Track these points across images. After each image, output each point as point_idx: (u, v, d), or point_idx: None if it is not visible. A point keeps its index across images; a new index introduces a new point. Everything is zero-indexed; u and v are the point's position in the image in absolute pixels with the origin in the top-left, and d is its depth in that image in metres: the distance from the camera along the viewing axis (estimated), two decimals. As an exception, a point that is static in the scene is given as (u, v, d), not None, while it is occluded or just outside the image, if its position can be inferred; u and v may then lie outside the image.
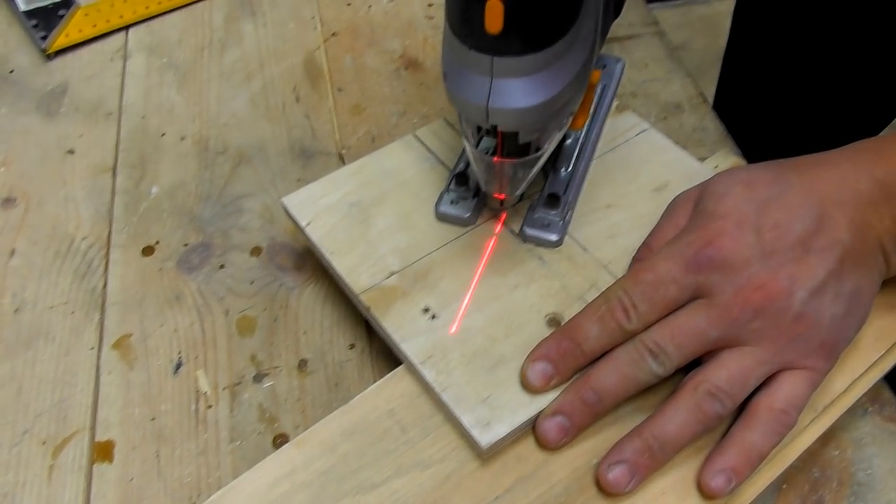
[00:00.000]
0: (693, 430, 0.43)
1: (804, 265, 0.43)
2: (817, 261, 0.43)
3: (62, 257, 0.59)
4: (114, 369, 0.53)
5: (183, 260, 0.58)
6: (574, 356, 0.45)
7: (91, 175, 0.64)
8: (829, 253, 0.43)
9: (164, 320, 0.55)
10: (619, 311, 0.44)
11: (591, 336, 0.45)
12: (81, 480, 0.48)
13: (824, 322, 0.43)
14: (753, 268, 0.43)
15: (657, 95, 0.68)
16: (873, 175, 0.45)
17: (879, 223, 0.45)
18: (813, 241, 0.43)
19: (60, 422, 0.50)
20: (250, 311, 0.55)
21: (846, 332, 0.45)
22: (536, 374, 0.45)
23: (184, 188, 0.63)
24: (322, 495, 0.44)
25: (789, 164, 0.47)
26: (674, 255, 0.45)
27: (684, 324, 0.44)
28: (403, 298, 0.50)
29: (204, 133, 0.67)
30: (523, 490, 0.43)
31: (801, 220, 0.44)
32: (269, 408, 0.50)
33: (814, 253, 0.43)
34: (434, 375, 0.46)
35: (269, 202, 0.61)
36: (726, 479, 0.42)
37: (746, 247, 0.43)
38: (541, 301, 0.49)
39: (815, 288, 0.43)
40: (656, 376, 0.44)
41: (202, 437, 0.49)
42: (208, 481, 0.48)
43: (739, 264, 0.43)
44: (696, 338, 0.43)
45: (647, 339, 0.44)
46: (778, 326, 0.43)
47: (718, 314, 0.43)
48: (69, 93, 0.71)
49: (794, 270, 0.43)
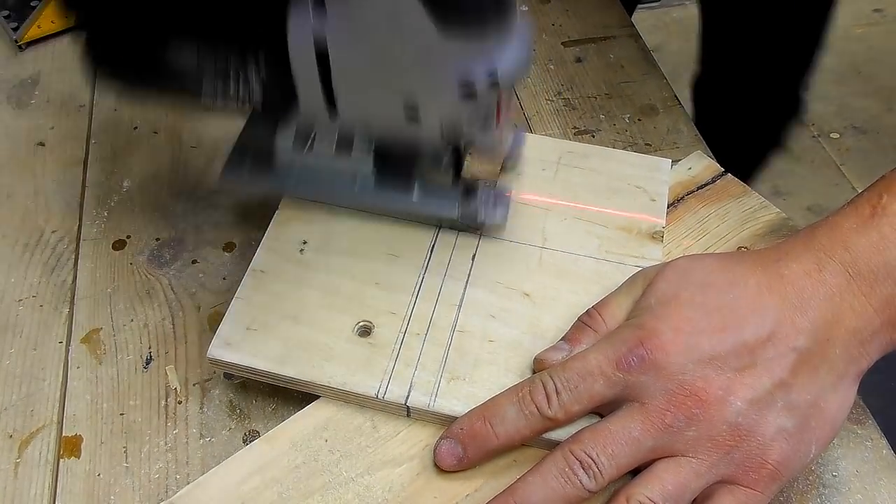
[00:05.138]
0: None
1: (747, 374, 0.41)
2: (763, 370, 0.41)
3: (31, 250, 0.58)
4: (82, 364, 0.52)
5: (154, 254, 0.58)
6: (485, 438, 0.43)
7: (62, 168, 0.63)
8: (779, 362, 0.41)
9: (135, 315, 0.54)
10: (539, 395, 0.42)
11: (506, 417, 0.43)
12: (48, 475, 0.48)
13: (766, 436, 0.40)
14: (687, 374, 0.41)
15: (632, 97, 0.68)
16: (841, 261, 0.42)
17: (852, 313, 0.42)
18: (762, 350, 0.41)
19: (27, 416, 0.50)
20: (222, 307, 0.55)
21: (799, 449, 0.41)
22: (444, 453, 0.44)
23: (156, 182, 0.62)
24: (292, 491, 0.44)
25: (750, 260, 0.45)
26: (606, 350, 0.43)
27: (617, 431, 0.41)
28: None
29: (177, 127, 0.66)
30: (493, 489, 0.43)
31: (752, 329, 0.41)
32: (239, 404, 0.50)
33: (761, 363, 0.41)
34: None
35: (244, 198, 0.61)
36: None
37: (681, 351, 0.41)
38: None
39: (755, 399, 0.40)
40: (587, 491, 0.41)
41: (171, 432, 0.49)
42: (177, 477, 0.47)
43: (672, 369, 0.41)
44: (630, 446, 0.41)
45: (576, 450, 0.41)
46: (712, 437, 0.40)
47: (651, 421, 0.41)
48: (40, 84, 0.70)
49: (733, 379, 0.41)
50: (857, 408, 0.49)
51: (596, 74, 0.70)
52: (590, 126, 0.65)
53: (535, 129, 0.65)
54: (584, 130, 0.65)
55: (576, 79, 0.70)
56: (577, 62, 0.71)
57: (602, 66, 0.71)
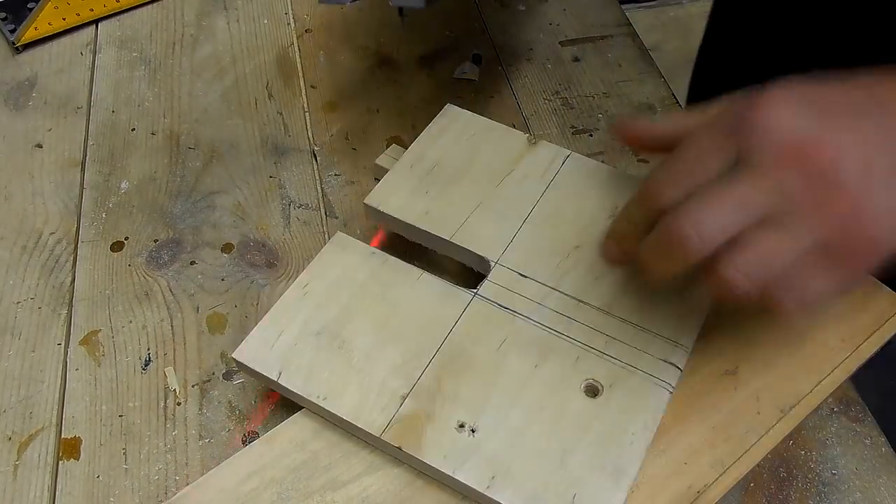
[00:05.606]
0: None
1: (862, 134, 0.39)
2: (882, 136, 0.39)
3: (29, 252, 0.58)
4: (81, 365, 0.52)
5: (153, 256, 0.58)
6: (630, 236, 0.44)
7: (59, 169, 0.63)
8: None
9: (133, 317, 0.54)
10: (666, 188, 0.42)
11: (635, 220, 0.44)
12: (47, 477, 0.47)
13: (875, 209, 0.38)
14: (799, 132, 0.39)
15: (629, 96, 0.68)
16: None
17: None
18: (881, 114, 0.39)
19: (26, 418, 0.50)
20: (221, 308, 0.55)
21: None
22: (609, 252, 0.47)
23: (154, 184, 0.62)
24: (292, 492, 0.44)
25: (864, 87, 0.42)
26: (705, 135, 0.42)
27: (725, 190, 0.39)
28: (431, 422, 0.44)
29: (175, 128, 0.66)
30: (493, 488, 0.43)
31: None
32: (238, 405, 0.50)
33: (881, 129, 0.39)
34: (510, 496, 0.42)
35: (241, 199, 0.61)
36: None
37: (793, 115, 0.39)
38: (570, 372, 0.46)
39: (867, 165, 0.38)
40: (689, 253, 0.39)
41: (170, 434, 0.49)
42: (176, 478, 0.47)
43: (785, 127, 0.39)
44: (737, 208, 0.39)
45: (681, 210, 0.40)
46: (818, 201, 0.38)
47: (759, 180, 0.39)
48: (38, 86, 0.70)
49: (848, 138, 0.39)
50: (856, 406, 0.49)
51: (594, 74, 0.70)
52: (588, 125, 0.65)
53: (533, 129, 0.65)
54: (582, 130, 0.65)
55: (573, 78, 0.70)
56: (575, 61, 0.71)
57: (600, 66, 0.71)
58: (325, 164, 0.63)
